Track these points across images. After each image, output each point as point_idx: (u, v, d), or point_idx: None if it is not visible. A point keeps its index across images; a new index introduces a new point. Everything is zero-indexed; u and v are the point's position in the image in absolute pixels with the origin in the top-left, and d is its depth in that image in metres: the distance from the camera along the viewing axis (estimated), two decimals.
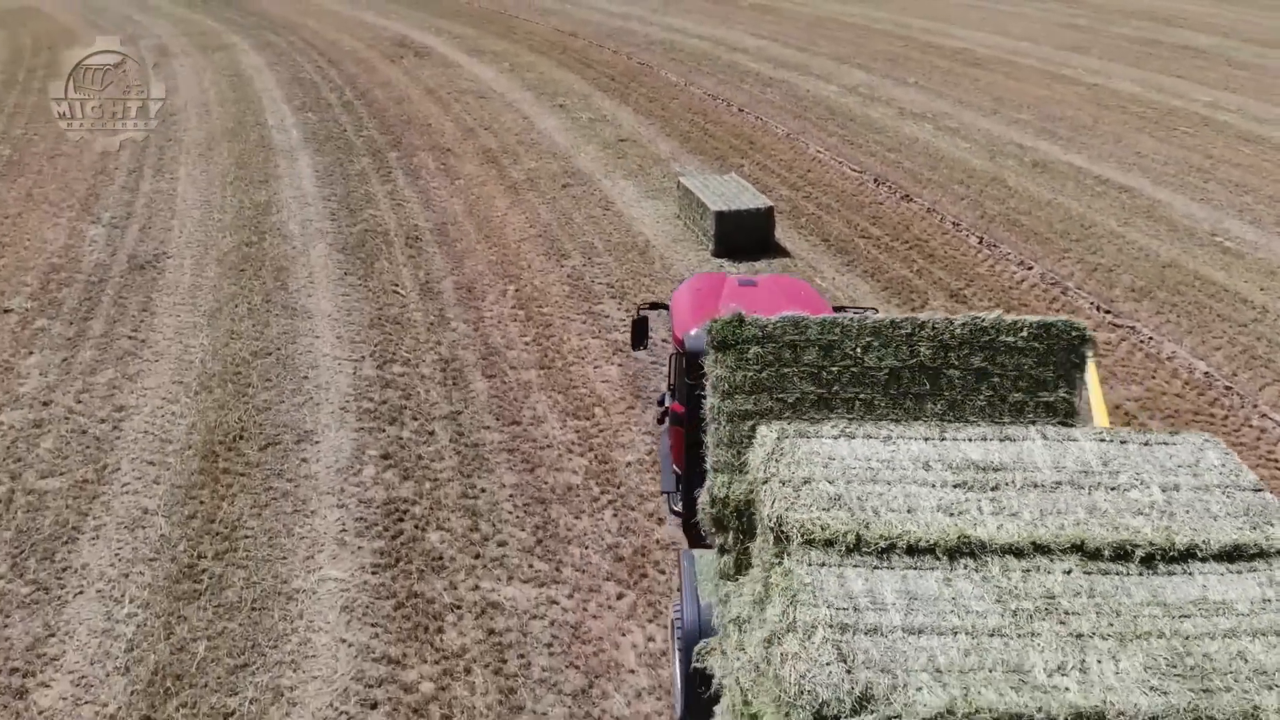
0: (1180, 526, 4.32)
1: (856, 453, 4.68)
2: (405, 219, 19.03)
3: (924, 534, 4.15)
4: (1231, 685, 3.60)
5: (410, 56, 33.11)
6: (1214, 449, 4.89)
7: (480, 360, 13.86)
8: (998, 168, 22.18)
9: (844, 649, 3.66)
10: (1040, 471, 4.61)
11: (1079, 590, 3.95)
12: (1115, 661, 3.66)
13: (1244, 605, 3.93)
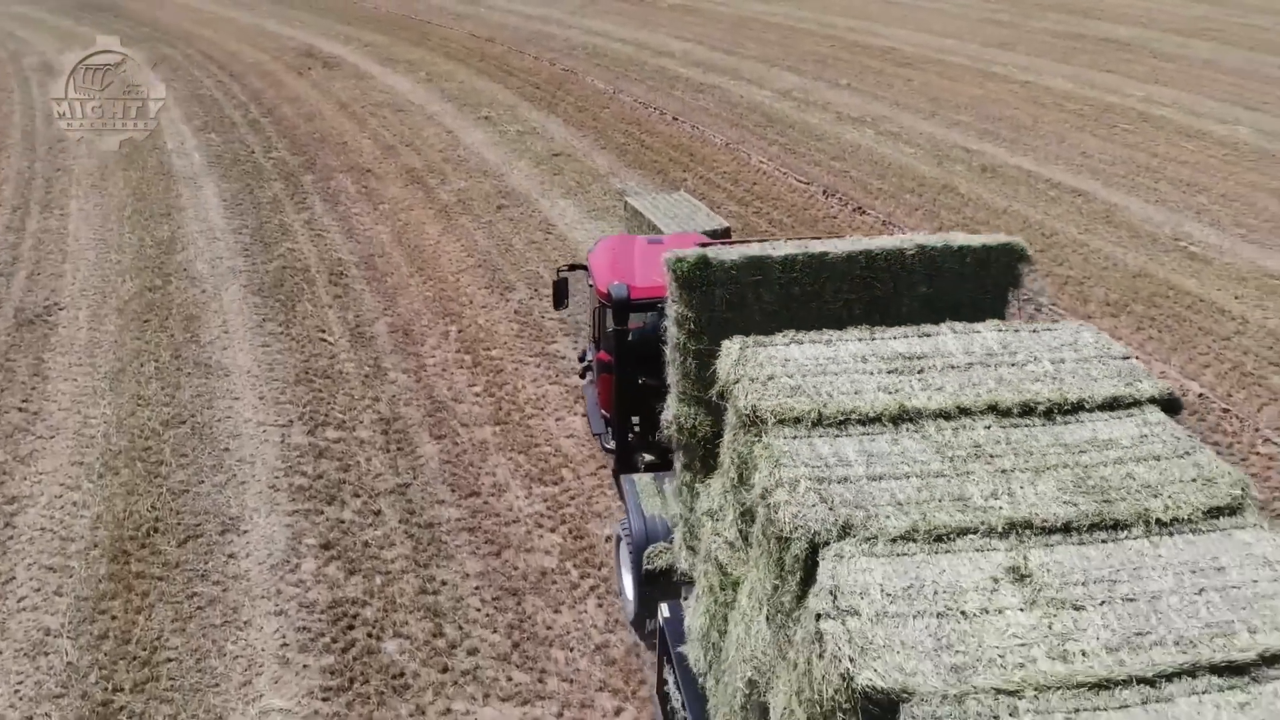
0: (1069, 387, 5.42)
1: (806, 355, 5.61)
2: (327, 251, 17.40)
3: (871, 408, 5.19)
4: (1125, 497, 4.73)
5: (319, 68, 31.18)
6: (1089, 331, 5.98)
7: (426, 418, 12.41)
8: (947, 174, 21.40)
9: (823, 494, 4.62)
10: (954, 357, 5.65)
11: (998, 439, 5.08)
12: (1034, 486, 4.77)
13: (1126, 440, 5.12)
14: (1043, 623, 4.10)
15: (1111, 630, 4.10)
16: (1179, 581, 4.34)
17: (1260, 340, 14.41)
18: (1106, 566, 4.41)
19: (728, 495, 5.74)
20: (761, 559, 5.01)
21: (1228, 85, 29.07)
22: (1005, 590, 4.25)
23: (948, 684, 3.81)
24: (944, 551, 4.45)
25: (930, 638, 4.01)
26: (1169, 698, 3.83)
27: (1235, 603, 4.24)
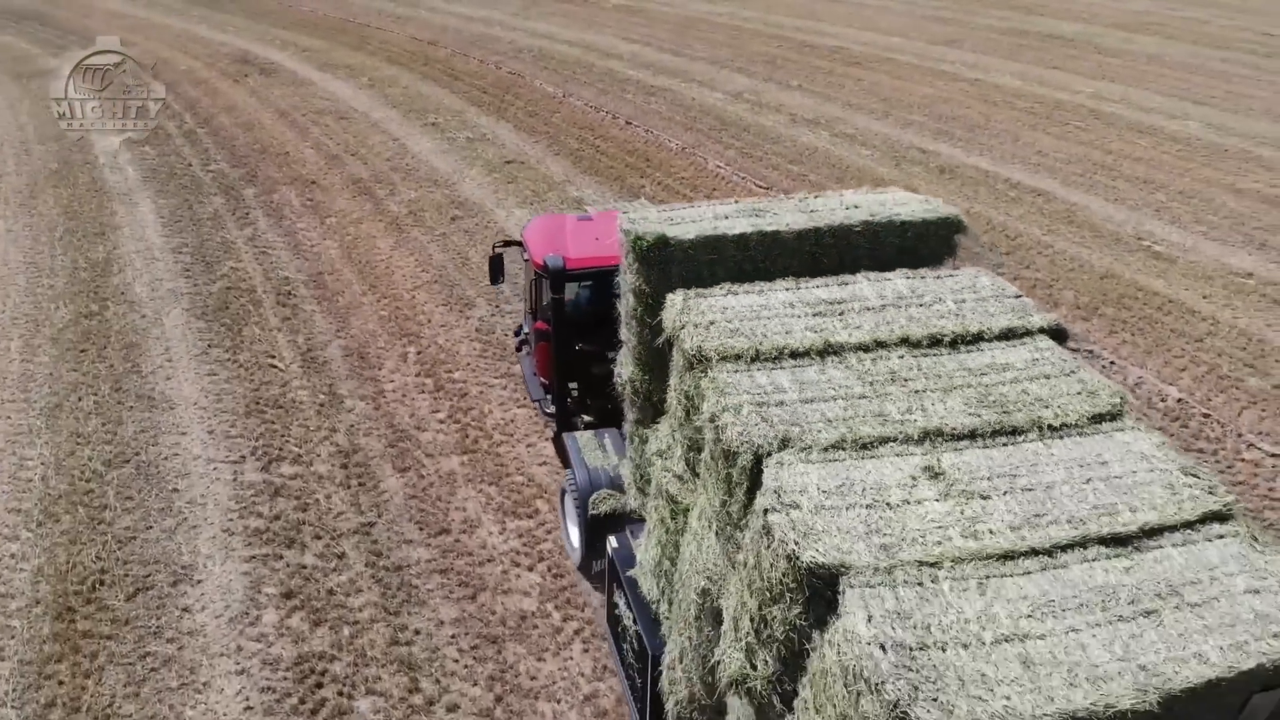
0: (970, 321, 6.11)
1: (741, 304, 6.22)
2: (273, 270, 16.62)
3: (800, 344, 5.83)
4: (1021, 408, 5.43)
5: (255, 75, 30.14)
6: (986, 276, 6.71)
7: (388, 449, 11.77)
8: (905, 176, 21.16)
9: (763, 415, 5.26)
10: (870, 300, 6.32)
11: (910, 366, 5.74)
12: (943, 403, 5.44)
13: (1020, 363, 5.80)
14: (955, 510, 4.81)
15: (1013, 514, 4.81)
16: (1069, 474, 5.10)
17: (1233, 341, 14.30)
18: (1007, 464, 5.16)
19: (675, 434, 6.41)
20: (710, 480, 5.65)
21: (1174, 80, 29.31)
22: (923, 486, 4.94)
23: (878, 559, 4.47)
24: (869, 457, 5.12)
25: (861, 524, 4.67)
26: (1064, 565, 4.54)
27: (1118, 489, 5.00)
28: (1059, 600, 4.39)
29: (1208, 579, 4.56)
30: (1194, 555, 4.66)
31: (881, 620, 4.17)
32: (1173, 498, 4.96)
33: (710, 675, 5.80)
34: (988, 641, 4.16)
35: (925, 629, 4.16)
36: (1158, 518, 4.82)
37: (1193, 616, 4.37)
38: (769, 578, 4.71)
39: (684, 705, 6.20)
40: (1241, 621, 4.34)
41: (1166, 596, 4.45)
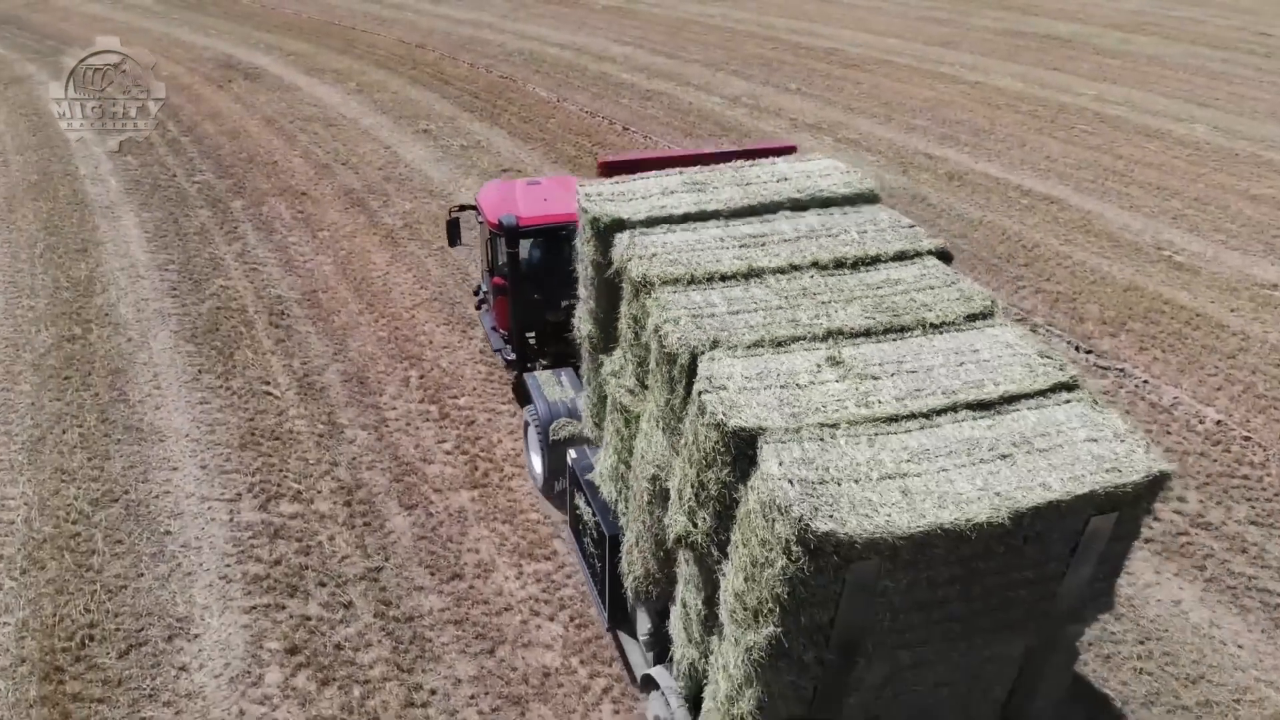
0: (870, 247, 7.16)
1: (678, 240, 7.20)
2: (264, 288, 15.92)
3: (728, 269, 6.89)
4: (909, 312, 6.51)
5: (240, 80, 29.34)
6: (886, 212, 7.71)
7: (393, 484, 11.12)
8: (914, 183, 20.62)
9: (698, 324, 6.29)
10: (787, 234, 7.35)
11: (819, 284, 6.81)
12: (845, 310, 6.55)
13: (910, 279, 6.88)
14: (851, 388, 5.83)
15: (899, 389, 5.84)
16: (946, 359, 6.12)
17: (1266, 358, 13.80)
18: (895, 354, 6.17)
19: (626, 354, 7.36)
20: (656, 384, 6.64)
21: (1176, 82, 28.91)
22: (826, 372, 5.95)
23: (788, 423, 5.48)
24: (783, 352, 6.11)
25: (775, 400, 5.66)
26: (938, 424, 5.58)
27: (985, 369, 6.05)
28: (933, 449, 5.44)
29: (1054, 432, 5.62)
30: (1044, 415, 5.74)
31: (790, 464, 5.19)
32: (1029, 373, 6.04)
33: (661, 550, 6.92)
34: (874, 478, 5.20)
35: (824, 470, 5.20)
36: (1016, 388, 5.91)
37: (1041, 459, 5.43)
38: (704, 448, 5.75)
39: (640, 580, 7.33)
40: (1080, 462, 5.42)
41: (1020, 445, 5.51)
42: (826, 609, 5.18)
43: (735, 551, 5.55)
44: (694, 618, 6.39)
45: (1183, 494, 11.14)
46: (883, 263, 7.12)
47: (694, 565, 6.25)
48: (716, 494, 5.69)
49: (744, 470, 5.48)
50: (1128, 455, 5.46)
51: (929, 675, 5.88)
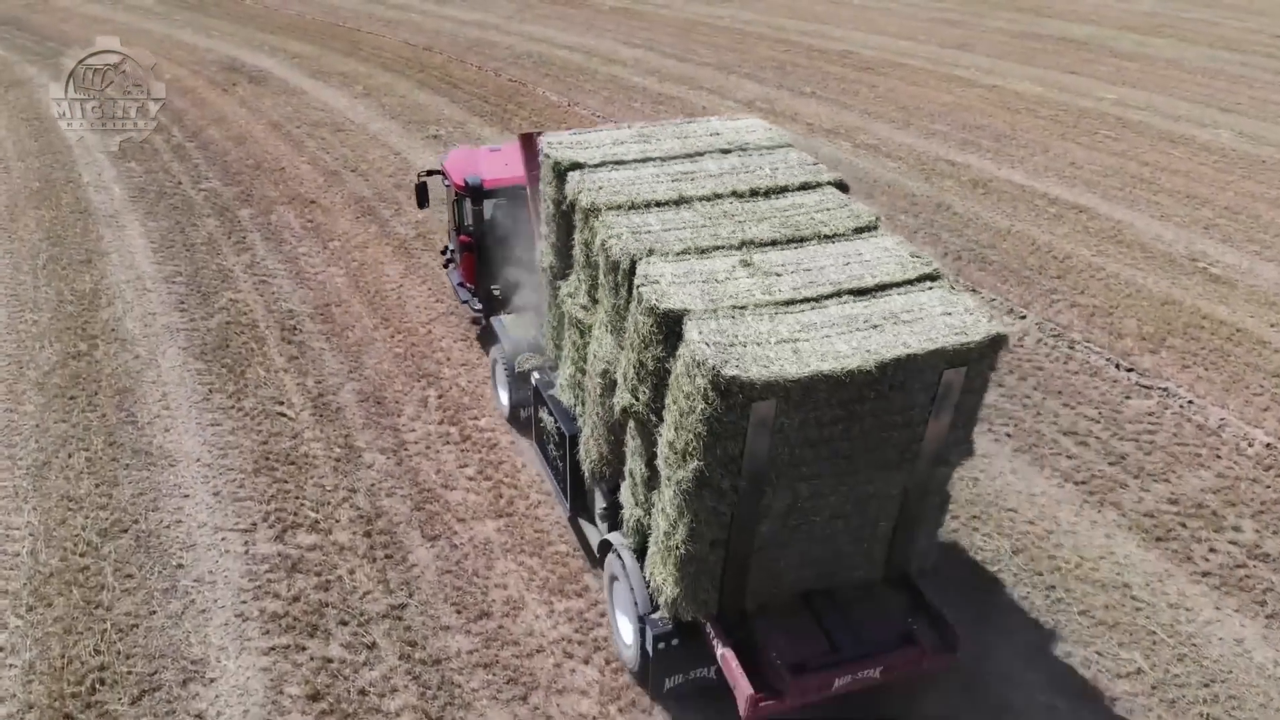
0: (781, 179, 8.62)
1: (621, 175, 8.63)
2: (275, 302, 15.45)
3: (662, 198, 8.28)
4: (809, 227, 7.90)
5: (245, 83, 28.86)
6: (795, 152, 9.25)
7: (415, 512, 10.65)
8: (938, 190, 20.15)
9: (637, 237, 7.65)
10: (712, 171, 8.77)
11: (738, 209, 8.19)
12: (756, 227, 7.90)
13: (812, 204, 8.30)
14: (759, 282, 7.15)
15: (796, 282, 7.18)
16: (835, 260, 7.45)
17: None
18: (795, 258, 7.49)
19: (579, 276, 8.73)
20: (604, 292, 7.96)
21: (1196, 86, 28.45)
22: (739, 272, 7.26)
23: (707, 306, 6.82)
24: (705, 258, 7.44)
25: (698, 291, 6.98)
26: (825, 306, 6.95)
27: (867, 267, 7.38)
28: (819, 323, 6.81)
29: (917, 309, 6.97)
30: (910, 298, 7.10)
31: (707, 334, 6.52)
32: (901, 268, 7.39)
33: (611, 435, 8.28)
34: (772, 342, 6.55)
35: (734, 337, 6.54)
36: (889, 278, 7.28)
37: (905, 328, 6.77)
38: (642, 333, 7.08)
39: (595, 464, 8.74)
40: (936, 329, 6.76)
41: (889, 319, 6.86)
42: (736, 442, 6.55)
43: (668, 411, 6.93)
44: (638, 482, 7.83)
45: (1237, 523, 10.68)
46: (790, 192, 8.53)
47: (637, 437, 7.69)
48: (653, 369, 7.09)
49: (673, 346, 6.85)
50: (974, 323, 6.84)
51: (824, 506, 7.25)
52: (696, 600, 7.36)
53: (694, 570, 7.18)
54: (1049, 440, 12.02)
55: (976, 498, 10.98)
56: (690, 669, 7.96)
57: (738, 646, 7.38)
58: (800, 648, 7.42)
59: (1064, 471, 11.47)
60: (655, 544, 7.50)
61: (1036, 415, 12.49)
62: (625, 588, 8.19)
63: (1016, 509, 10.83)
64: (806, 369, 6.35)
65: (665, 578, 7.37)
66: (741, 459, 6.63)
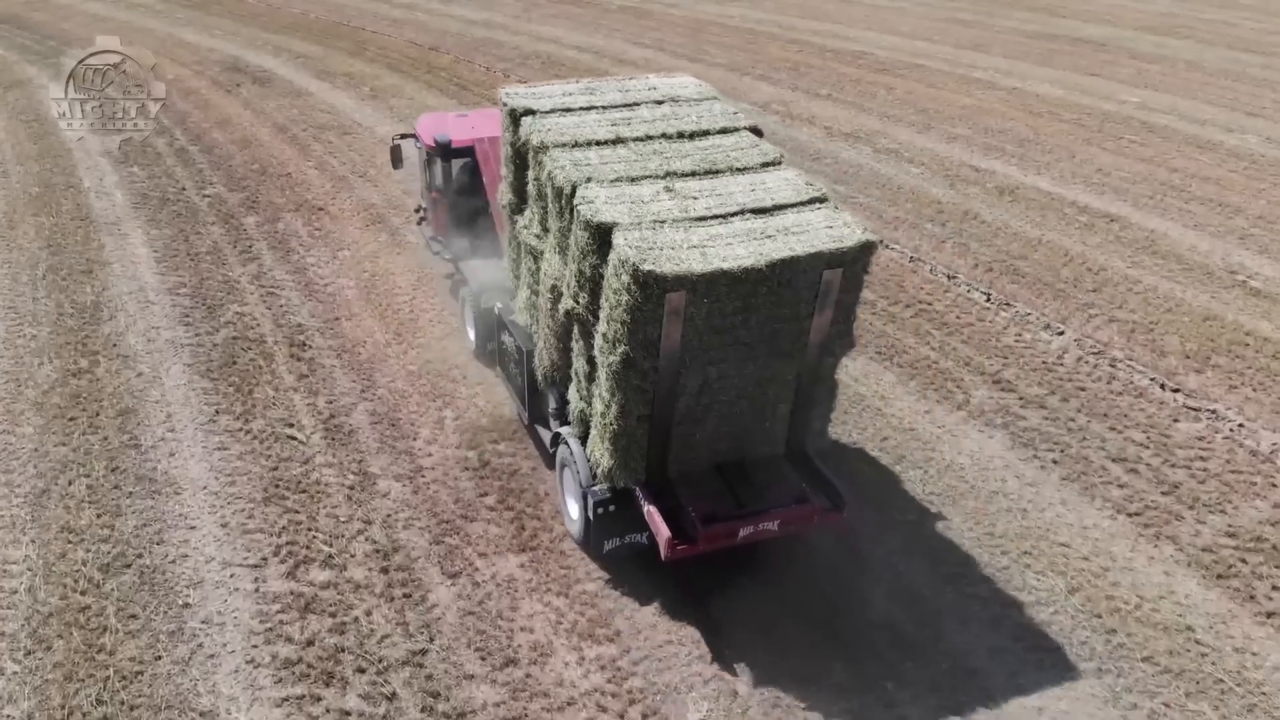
0: (703, 124, 9.92)
1: (568, 121, 9.86)
2: (283, 314, 14.89)
3: (601, 138, 9.57)
4: (724, 161, 9.24)
5: (249, 84, 28.28)
6: (719, 104, 10.56)
7: (433, 546, 10.10)
8: (963, 197, 19.58)
9: (579, 169, 8.97)
10: (646, 117, 10.01)
11: (665, 149, 9.45)
12: (680, 162, 9.20)
13: (729, 144, 9.59)
14: (679, 203, 8.50)
15: (708, 204, 8.52)
16: (743, 188, 8.79)
17: None
18: (710, 186, 8.82)
19: (533, 209, 10.01)
20: (552, 218, 9.27)
21: (1219, 89, 27.86)
22: (662, 195, 8.60)
23: (633, 220, 8.19)
24: (634, 185, 8.74)
25: (627, 209, 8.34)
26: (730, 222, 8.31)
27: (768, 192, 8.74)
28: (724, 234, 8.06)
29: (806, 224, 8.25)
30: (801, 216, 8.36)
31: (631, 240, 7.84)
32: (796, 193, 8.67)
33: (560, 343, 9.57)
34: (684, 248, 7.83)
35: (653, 242, 7.84)
36: (785, 201, 8.55)
37: (794, 238, 8.04)
38: (581, 245, 8.35)
39: (547, 369, 10.12)
40: (818, 238, 8.07)
41: (781, 231, 8.13)
42: (655, 328, 7.85)
43: (602, 309, 8.27)
44: (581, 378, 9.26)
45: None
46: (711, 135, 9.80)
47: (580, 339, 9.10)
48: (590, 275, 8.42)
49: (605, 254, 8.15)
50: (849, 233, 8.18)
51: (730, 387, 8.60)
52: (628, 469, 8.87)
53: (625, 443, 8.69)
54: (1097, 467, 11.46)
55: (1026, 531, 10.43)
56: (625, 533, 9.45)
57: (661, 505, 8.82)
58: (711, 504, 8.86)
59: (1115, 502, 10.92)
60: (595, 426, 9.01)
61: (1083, 440, 11.93)
62: (572, 472, 9.75)
63: (1069, 543, 10.28)
64: (710, 266, 7.73)
65: (603, 452, 8.89)
66: (659, 343, 8.00)
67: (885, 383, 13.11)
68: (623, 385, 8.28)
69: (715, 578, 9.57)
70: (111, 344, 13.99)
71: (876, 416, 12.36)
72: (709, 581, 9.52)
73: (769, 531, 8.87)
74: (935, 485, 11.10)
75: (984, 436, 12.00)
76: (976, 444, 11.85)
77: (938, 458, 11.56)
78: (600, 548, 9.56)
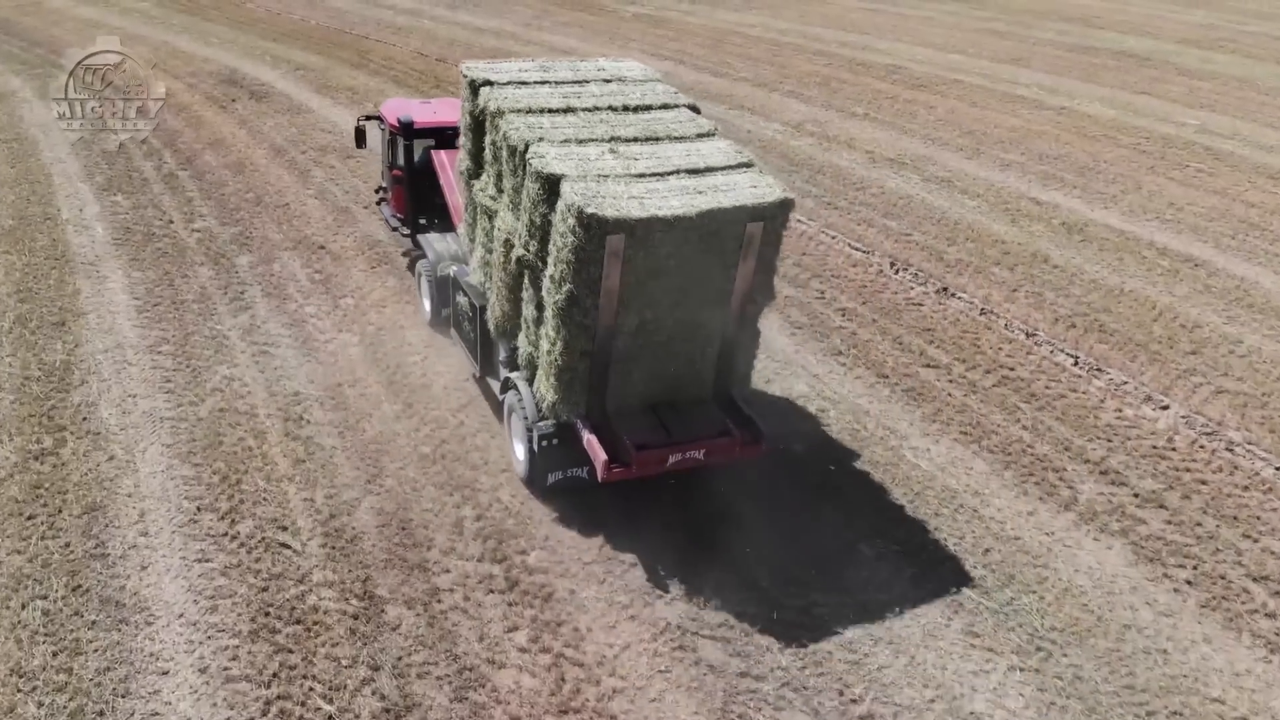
0: (646, 100, 10.88)
1: (522, 92, 10.77)
2: (277, 380, 13.13)
3: (554, 106, 10.43)
4: (663, 131, 10.22)
5: (245, 100, 26.50)
6: (661, 84, 11.45)
7: (454, 703, 8.33)
8: (1028, 235, 17.81)
9: (530, 130, 9.84)
10: (595, 93, 10.93)
11: (612, 119, 10.34)
12: (624, 130, 10.09)
13: (670, 119, 10.55)
14: (622, 163, 9.48)
15: (648, 164, 9.52)
16: (679, 153, 9.81)
17: None
18: (650, 150, 9.83)
19: (488, 173, 11.12)
20: (506, 177, 10.42)
21: (1277, 109, 26.07)
22: (607, 156, 9.56)
23: (579, 173, 9.14)
24: (582, 146, 9.72)
25: (574, 165, 9.27)
26: (667, 180, 9.27)
27: (702, 157, 9.74)
28: (661, 189, 9.12)
29: (733, 184, 9.31)
30: (729, 177, 9.44)
31: (577, 189, 8.89)
32: (726, 159, 9.79)
33: (511, 295, 10.59)
34: (625, 199, 8.87)
35: (597, 192, 8.87)
36: (716, 164, 9.66)
37: (722, 194, 9.13)
38: (532, 196, 9.51)
39: (499, 321, 10.98)
40: (743, 195, 9.16)
41: (712, 189, 9.19)
42: (596, 268, 8.81)
43: (550, 253, 9.23)
44: (530, 324, 10.10)
45: None
46: (653, 109, 10.67)
47: (530, 287, 10.01)
48: (539, 224, 9.39)
49: (553, 203, 9.08)
50: (770, 191, 9.16)
51: (663, 329, 9.59)
52: (570, 401, 9.74)
53: (568, 378, 9.58)
54: (1238, 589, 9.69)
55: (1171, 682, 8.64)
56: (568, 467, 10.39)
57: (599, 434, 9.71)
58: (645, 435, 9.80)
59: (1268, 638, 9.14)
60: (541, 365, 9.88)
61: (1215, 552, 10.15)
62: (519, 415, 10.57)
63: (1223, 698, 8.50)
64: (647, 213, 8.64)
65: (548, 388, 9.77)
66: (600, 282, 8.87)
67: (977, 474, 11.32)
68: (567, 322, 9.23)
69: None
70: (81, 417, 12.21)
71: (973, 519, 10.58)
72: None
73: (695, 460, 9.84)
74: (1055, 616, 9.32)
75: (1101, 547, 10.22)
76: (1094, 557, 10.07)
77: (1052, 577, 9.77)
78: (544, 480, 10.52)
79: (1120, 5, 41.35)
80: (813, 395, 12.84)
